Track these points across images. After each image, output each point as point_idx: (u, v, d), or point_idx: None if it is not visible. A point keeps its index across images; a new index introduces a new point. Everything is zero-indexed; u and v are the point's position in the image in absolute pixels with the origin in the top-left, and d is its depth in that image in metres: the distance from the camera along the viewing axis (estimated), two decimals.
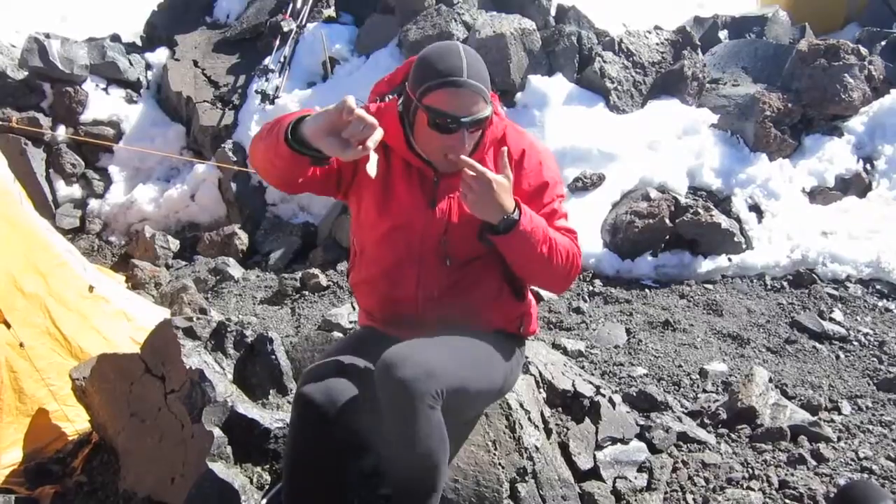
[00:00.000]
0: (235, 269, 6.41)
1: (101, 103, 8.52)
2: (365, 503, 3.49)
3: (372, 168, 2.56)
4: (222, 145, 7.96)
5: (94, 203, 8.21)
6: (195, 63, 8.90)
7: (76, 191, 8.25)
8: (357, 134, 2.44)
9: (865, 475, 3.74)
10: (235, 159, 7.80)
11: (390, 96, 2.93)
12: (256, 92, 8.14)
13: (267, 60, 8.33)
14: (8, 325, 4.08)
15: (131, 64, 8.88)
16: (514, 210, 2.69)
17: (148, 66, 9.06)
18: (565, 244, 2.82)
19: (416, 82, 2.71)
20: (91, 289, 4.76)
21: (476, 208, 2.66)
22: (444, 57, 2.66)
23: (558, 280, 2.92)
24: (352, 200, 3.02)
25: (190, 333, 3.77)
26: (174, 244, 7.23)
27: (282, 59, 8.33)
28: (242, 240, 7.25)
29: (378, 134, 2.47)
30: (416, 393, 2.56)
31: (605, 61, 7.75)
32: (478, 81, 2.65)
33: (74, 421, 4.37)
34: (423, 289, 2.92)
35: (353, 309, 5.25)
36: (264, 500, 3.33)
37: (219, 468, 3.45)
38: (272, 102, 8.04)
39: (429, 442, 2.67)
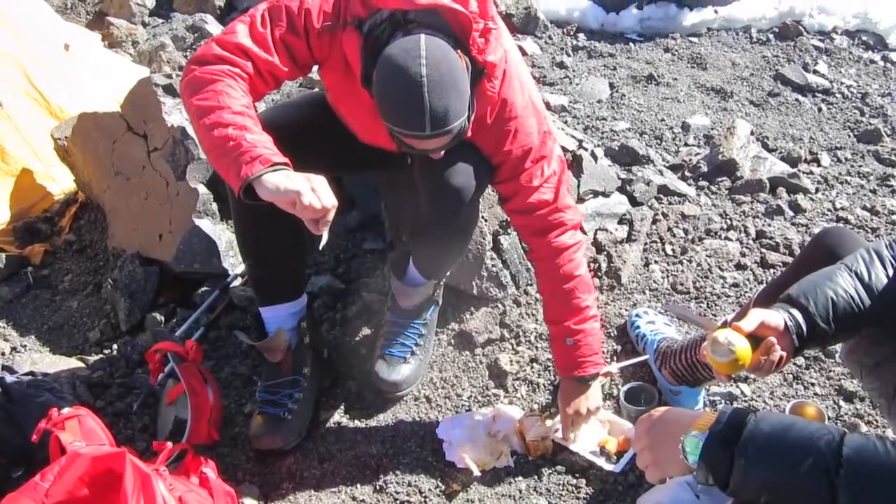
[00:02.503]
0: (214, 27, 6.20)
1: None
2: (350, 257, 3.58)
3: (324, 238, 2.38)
4: None
5: None
6: None
7: None
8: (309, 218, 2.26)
9: (841, 224, 3.82)
10: None
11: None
12: None
13: None
14: None
15: None
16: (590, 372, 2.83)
17: None
18: (587, 293, 2.82)
19: (379, 110, 2.35)
20: (67, 47, 4.65)
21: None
22: (402, 103, 2.27)
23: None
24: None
25: (170, 91, 3.72)
26: (149, 0, 6.98)
27: None
28: None
29: (331, 215, 2.26)
30: (470, 198, 2.66)
31: None
32: (446, 122, 2.27)
33: (60, 180, 4.38)
34: None
35: None
36: None
37: (205, 224, 3.50)
38: None
39: (468, 230, 2.96)
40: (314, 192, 2.22)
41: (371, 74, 2.34)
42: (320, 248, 2.55)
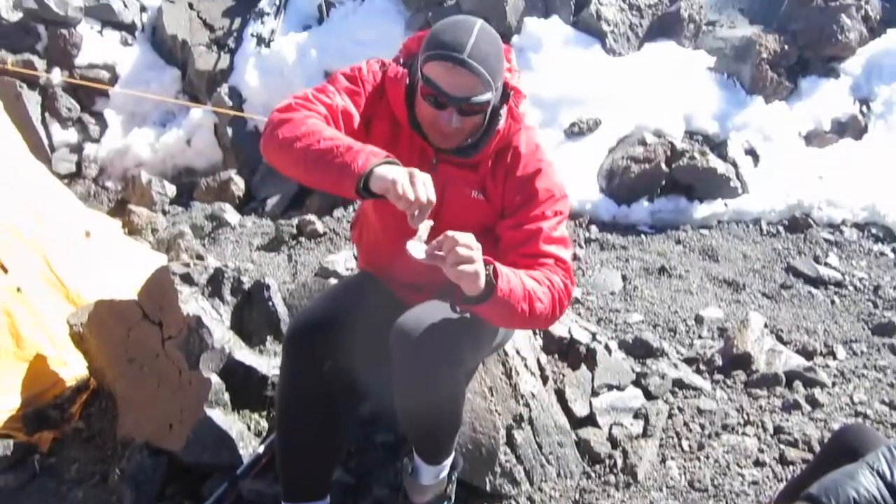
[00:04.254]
0: (232, 215, 6.38)
1: (96, 46, 8.35)
2: (362, 450, 3.53)
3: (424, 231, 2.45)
4: (218, 89, 7.89)
5: (90, 148, 8.11)
6: (190, 5, 8.72)
7: (72, 135, 8.11)
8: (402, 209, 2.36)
9: (860, 420, 3.77)
10: (231, 104, 7.74)
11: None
12: (252, 35, 8.07)
13: (262, 2, 8.30)
14: (5, 270, 4.07)
15: (125, 6, 8.66)
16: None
17: (143, 9, 8.84)
18: (547, 292, 2.55)
19: (422, 49, 2.58)
20: (88, 234, 4.75)
21: (459, 276, 2.36)
22: (452, 30, 2.52)
23: (540, 324, 3.05)
24: None
25: (187, 279, 3.77)
26: (171, 190, 7.20)
27: (277, 2, 8.26)
28: (239, 185, 7.22)
29: (426, 211, 2.33)
30: (438, 360, 2.60)
31: (601, 3, 7.69)
32: (480, 64, 2.48)
33: (72, 366, 4.38)
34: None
35: (355, 258, 5.23)
36: (262, 447, 3.35)
37: (216, 415, 3.47)
38: (268, 45, 8.01)
39: (449, 398, 2.78)
40: (412, 185, 2.31)
41: (415, 110, 2.65)
42: (416, 237, 2.45)
